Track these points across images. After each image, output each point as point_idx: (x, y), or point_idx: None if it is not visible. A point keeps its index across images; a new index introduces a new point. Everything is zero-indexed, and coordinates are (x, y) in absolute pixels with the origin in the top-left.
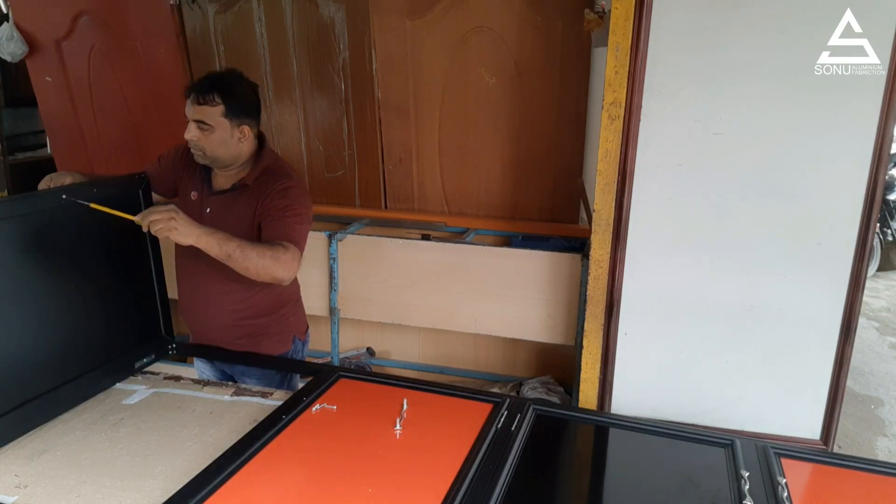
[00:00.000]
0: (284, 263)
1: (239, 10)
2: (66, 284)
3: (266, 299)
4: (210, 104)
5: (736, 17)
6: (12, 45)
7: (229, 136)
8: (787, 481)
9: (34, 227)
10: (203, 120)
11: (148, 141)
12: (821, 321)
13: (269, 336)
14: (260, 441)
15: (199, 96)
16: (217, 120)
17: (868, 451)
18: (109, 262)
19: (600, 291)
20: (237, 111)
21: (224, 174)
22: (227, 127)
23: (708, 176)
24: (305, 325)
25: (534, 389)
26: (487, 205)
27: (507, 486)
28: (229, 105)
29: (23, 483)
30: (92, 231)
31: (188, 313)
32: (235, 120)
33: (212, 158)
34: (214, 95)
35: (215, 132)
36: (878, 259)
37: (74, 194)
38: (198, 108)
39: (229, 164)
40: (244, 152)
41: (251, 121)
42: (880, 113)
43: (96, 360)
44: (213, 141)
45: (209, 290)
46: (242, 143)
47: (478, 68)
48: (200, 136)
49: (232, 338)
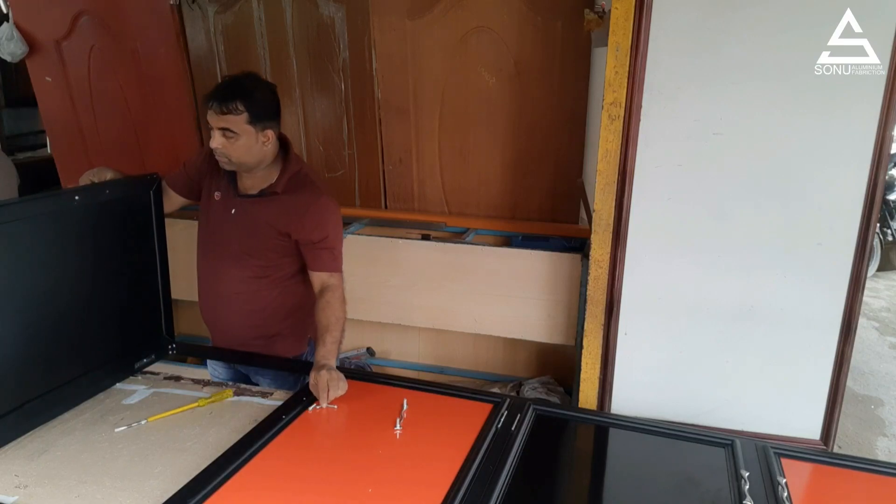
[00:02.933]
0: (342, 296)
1: (239, 10)
2: (67, 284)
3: (287, 301)
4: (234, 112)
5: (736, 17)
6: (12, 45)
7: (254, 142)
8: (787, 481)
9: (40, 229)
10: (228, 128)
11: (148, 141)
12: (821, 321)
13: (284, 337)
14: (260, 441)
15: (222, 105)
16: (242, 127)
17: (868, 451)
18: (115, 263)
19: (600, 291)
20: (261, 116)
21: (250, 177)
22: (252, 133)
23: (708, 176)
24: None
25: (534, 389)
26: (487, 205)
27: (507, 486)
28: (253, 112)
29: (23, 483)
30: (100, 232)
31: (209, 313)
32: (259, 125)
33: (237, 164)
34: (237, 103)
35: (241, 139)
36: (878, 259)
37: (87, 198)
38: (221, 117)
39: (255, 167)
40: (269, 155)
41: (274, 123)
42: (880, 113)
43: (96, 360)
44: (238, 148)
45: (230, 289)
46: (267, 147)
47: (478, 68)
48: (226, 143)
49: (249, 338)
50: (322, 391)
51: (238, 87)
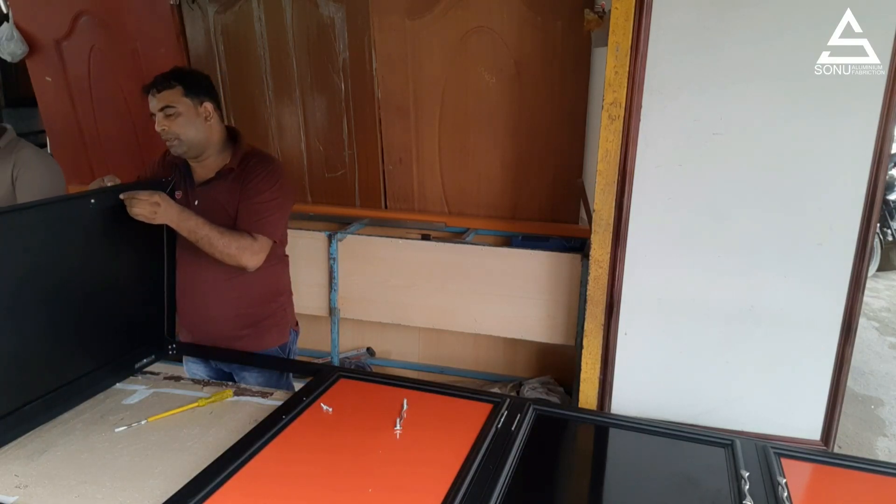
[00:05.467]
0: (250, 252)
1: (239, 10)
2: (68, 285)
3: (263, 288)
4: (168, 87)
5: (736, 17)
6: (12, 45)
7: (195, 115)
8: (787, 481)
9: (47, 231)
10: (167, 104)
11: (148, 141)
12: (821, 321)
13: (269, 328)
14: (260, 441)
15: (157, 86)
16: (179, 100)
17: (868, 451)
18: (120, 264)
19: (600, 291)
20: (195, 89)
21: (203, 165)
22: (190, 105)
23: (708, 176)
24: (295, 317)
25: (534, 389)
26: (487, 205)
27: (507, 486)
28: (186, 84)
29: (23, 483)
30: (110, 234)
31: (191, 315)
32: (196, 98)
33: (186, 143)
34: (170, 80)
35: (181, 115)
36: (878, 259)
37: (102, 200)
38: (158, 95)
39: (203, 148)
40: (214, 133)
41: (211, 99)
42: (880, 113)
43: (96, 360)
44: (181, 123)
45: (209, 282)
46: (210, 123)
47: (478, 68)
48: (169, 122)
49: (235, 328)
50: (133, 194)
51: (169, 72)
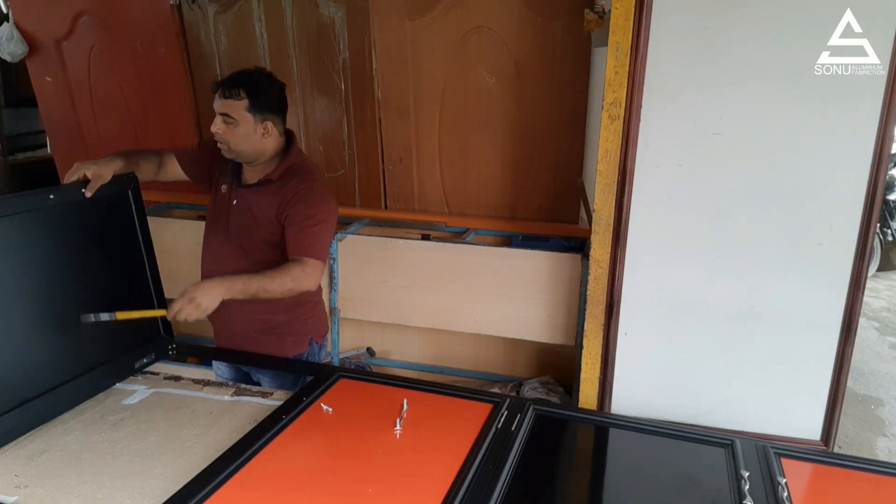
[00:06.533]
0: (305, 278)
1: (239, 10)
2: (66, 284)
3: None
4: (235, 98)
5: (736, 17)
6: (12, 45)
7: (252, 132)
8: (787, 481)
9: (32, 226)
10: (228, 113)
11: (148, 141)
12: (821, 321)
13: (284, 336)
14: (260, 441)
15: (225, 91)
16: (241, 114)
17: (868, 451)
18: (107, 262)
19: (600, 291)
20: (261, 107)
21: (251, 169)
22: (251, 122)
23: (708, 176)
24: (325, 329)
25: (534, 389)
26: (487, 205)
27: (507, 486)
28: (253, 100)
29: (23, 483)
30: (90, 231)
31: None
32: (259, 115)
33: (236, 153)
34: (240, 90)
35: (239, 126)
36: (878, 259)
37: (63, 197)
38: (223, 101)
39: (253, 159)
40: (268, 149)
41: (275, 118)
42: (880, 113)
43: (96, 360)
44: (236, 135)
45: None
46: (266, 140)
47: (478, 68)
48: (225, 129)
49: (249, 332)
50: (172, 307)
51: (243, 76)
